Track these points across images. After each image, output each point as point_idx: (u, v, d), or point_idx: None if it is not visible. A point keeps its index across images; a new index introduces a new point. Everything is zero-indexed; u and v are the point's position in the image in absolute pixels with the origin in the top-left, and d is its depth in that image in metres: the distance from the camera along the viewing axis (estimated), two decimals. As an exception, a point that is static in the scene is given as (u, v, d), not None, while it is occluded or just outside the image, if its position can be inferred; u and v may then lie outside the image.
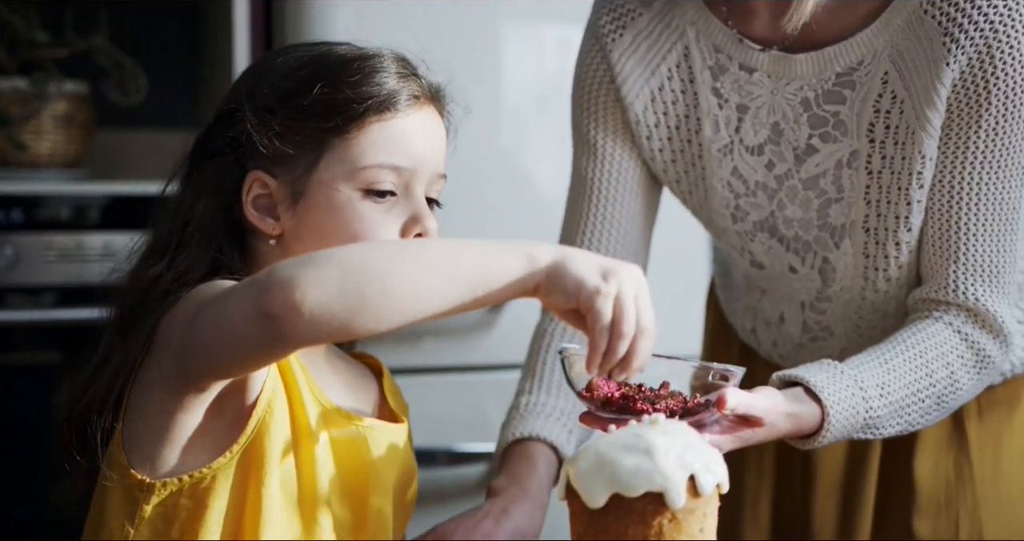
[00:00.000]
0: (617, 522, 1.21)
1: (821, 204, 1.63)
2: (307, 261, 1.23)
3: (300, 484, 1.38)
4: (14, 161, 2.72)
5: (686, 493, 1.20)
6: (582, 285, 1.25)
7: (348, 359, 1.58)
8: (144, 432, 1.35)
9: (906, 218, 1.60)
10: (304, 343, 1.27)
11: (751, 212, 1.67)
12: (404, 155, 1.43)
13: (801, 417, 1.47)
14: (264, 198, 1.44)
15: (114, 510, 1.36)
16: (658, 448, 1.21)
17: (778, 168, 1.64)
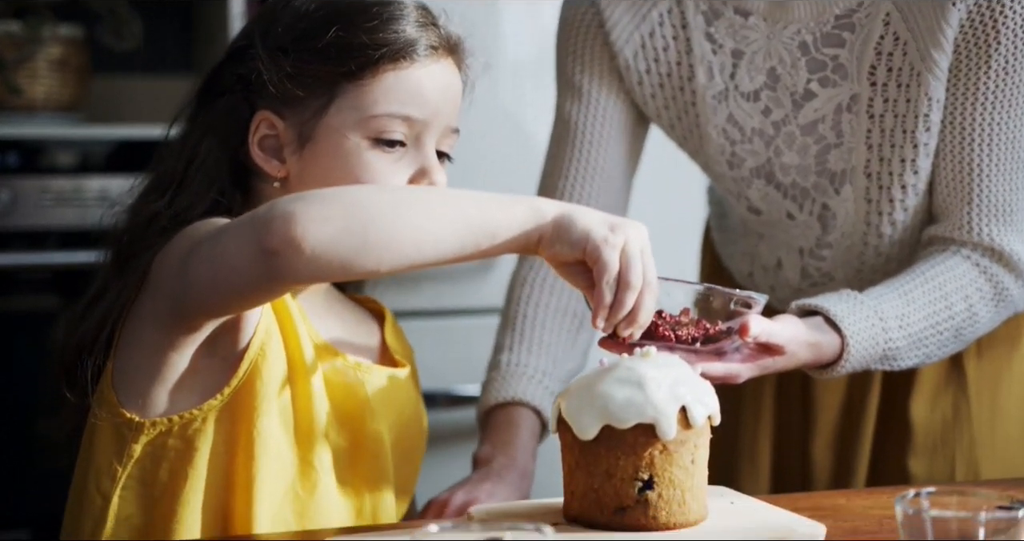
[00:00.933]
0: (608, 454, 1.21)
1: (820, 150, 1.62)
2: (311, 197, 1.21)
3: (295, 428, 1.38)
4: (9, 105, 2.71)
5: (677, 425, 1.20)
6: (589, 235, 1.24)
7: (349, 303, 1.58)
8: (134, 371, 1.34)
9: (912, 161, 1.59)
10: (302, 281, 1.26)
11: (747, 159, 1.66)
12: (417, 106, 1.40)
13: (821, 346, 1.47)
14: (271, 139, 1.42)
15: (103, 449, 1.35)
16: (649, 380, 1.21)
17: (775, 114, 1.62)
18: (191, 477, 1.33)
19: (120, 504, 1.33)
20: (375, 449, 1.44)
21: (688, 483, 1.22)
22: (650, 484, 1.21)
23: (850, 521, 1.32)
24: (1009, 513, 1.05)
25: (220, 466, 1.34)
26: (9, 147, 2.63)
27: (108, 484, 1.34)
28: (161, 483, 1.33)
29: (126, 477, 1.33)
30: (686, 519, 1.22)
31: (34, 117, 2.73)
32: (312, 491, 1.38)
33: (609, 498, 1.21)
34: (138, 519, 1.34)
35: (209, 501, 1.34)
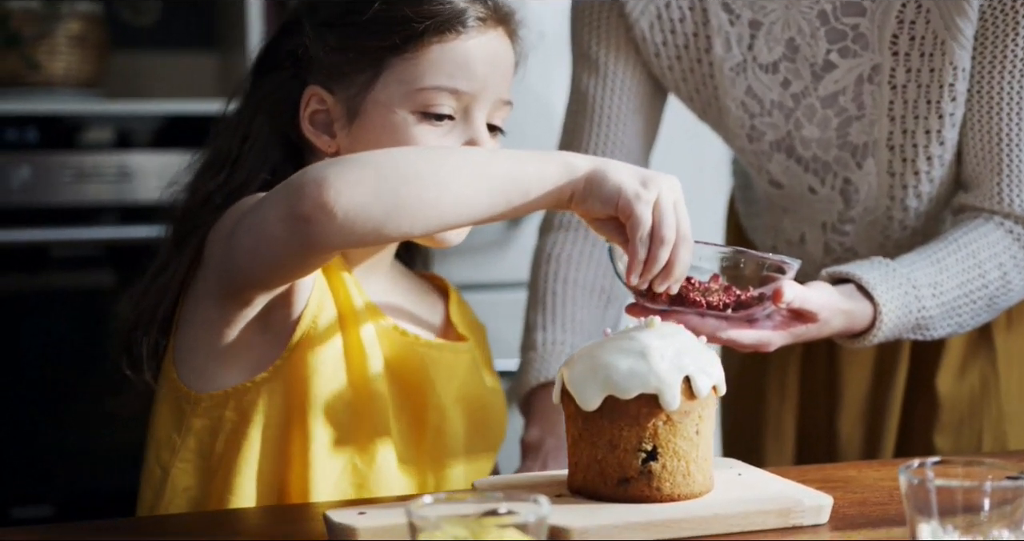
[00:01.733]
0: (611, 425, 1.20)
1: (840, 123, 1.59)
2: (342, 162, 1.21)
3: (352, 401, 1.37)
4: (28, 81, 2.71)
5: (681, 395, 1.19)
6: (621, 190, 1.22)
7: (415, 279, 1.57)
8: (192, 346, 1.37)
9: (938, 132, 1.56)
10: (336, 246, 1.25)
11: (767, 132, 1.63)
12: (465, 79, 1.38)
13: (854, 315, 1.44)
14: (321, 114, 1.42)
15: (164, 422, 1.38)
16: (653, 350, 1.19)
17: (794, 86, 1.60)
18: (246, 449, 1.34)
19: (178, 476, 1.36)
20: (437, 423, 1.43)
21: (692, 454, 1.21)
22: (654, 455, 1.19)
23: (859, 492, 1.30)
24: (1016, 482, 1.03)
25: (274, 439, 1.35)
26: (28, 122, 2.62)
27: (168, 456, 1.37)
28: (217, 455, 1.35)
29: (184, 450, 1.36)
30: (691, 490, 1.21)
31: (53, 93, 2.73)
32: (371, 463, 1.37)
33: (612, 469, 1.20)
34: (196, 491, 1.36)
35: (264, 474, 1.35)
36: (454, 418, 1.45)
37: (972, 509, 1.03)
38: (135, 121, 2.72)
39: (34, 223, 2.62)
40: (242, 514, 1.30)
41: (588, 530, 1.13)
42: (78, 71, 2.77)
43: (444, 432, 1.44)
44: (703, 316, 1.31)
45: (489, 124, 1.42)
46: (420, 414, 1.43)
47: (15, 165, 2.59)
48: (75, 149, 2.65)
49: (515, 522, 0.96)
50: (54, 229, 2.63)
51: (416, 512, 0.96)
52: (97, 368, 2.60)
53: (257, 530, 1.20)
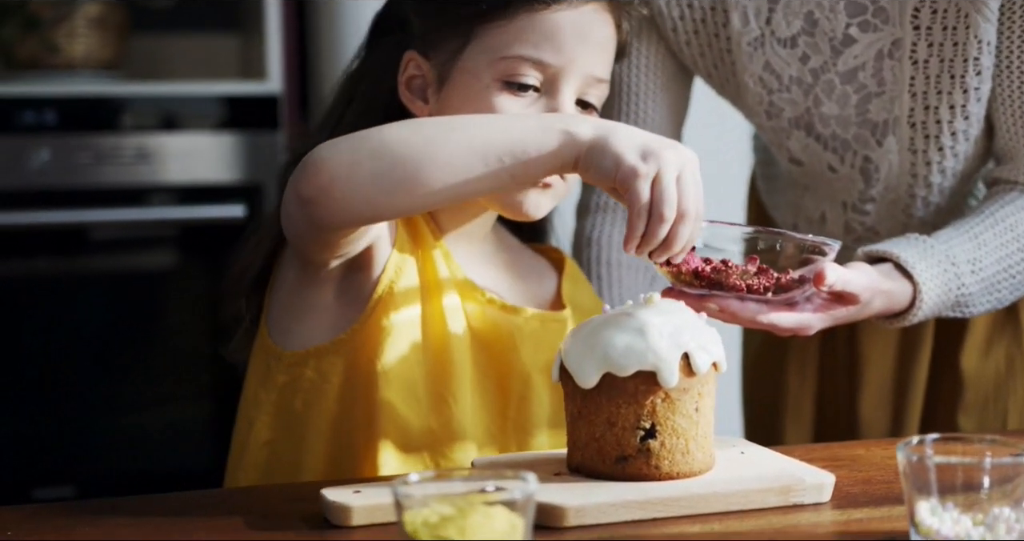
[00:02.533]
0: (609, 402, 1.18)
1: (860, 99, 1.56)
2: (342, 142, 1.22)
3: (430, 367, 1.38)
4: (48, 63, 2.72)
5: (679, 372, 1.17)
6: (619, 164, 1.19)
7: (526, 251, 1.56)
8: (280, 305, 1.41)
9: (963, 107, 1.53)
10: (341, 226, 1.26)
11: (785, 109, 1.60)
12: (552, 51, 1.37)
13: (893, 295, 1.41)
14: (418, 80, 1.43)
15: (254, 378, 1.43)
16: (651, 327, 1.18)
17: (813, 61, 1.57)
18: (321, 409, 1.37)
19: (261, 430, 1.40)
20: (522, 391, 1.43)
21: (692, 432, 1.19)
22: (652, 433, 1.18)
23: (865, 471, 1.29)
24: (1016, 459, 1.01)
25: (348, 401, 1.36)
26: (47, 105, 2.63)
27: (254, 411, 1.41)
28: (296, 413, 1.38)
29: (268, 404, 1.40)
30: (690, 469, 1.19)
31: (73, 75, 2.73)
32: (446, 426, 1.37)
33: (611, 447, 1.19)
34: (274, 446, 1.40)
35: (337, 435, 1.37)
36: (540, 388, 1.44)
37: (972, 487, 1.02)
38: (155, 103, 2.72)
39: (54, 205, 2.62)
40: (244, 493, 1.30)
41: (584, 509, 1.12)
42: (98, 53, 2.77)
43: (529, 401, 1.43)
44: (743, 300, 1.28)
45: (582, 101, 1.41)
46: (504, 383, 1.43)
47: (35, 147, 2.60)
48: (95, 131, 2.65)
49: (502, 499, 0.94)
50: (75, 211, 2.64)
51: (401, 490, 0.95)
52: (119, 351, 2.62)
53: (256, 509, 1.19)
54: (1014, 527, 1.01)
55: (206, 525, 1.15)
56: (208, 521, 1.16)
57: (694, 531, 1.11)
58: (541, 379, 1.43)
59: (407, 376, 1.36)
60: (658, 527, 1.12)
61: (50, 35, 2.70)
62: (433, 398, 1.37)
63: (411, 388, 1.36)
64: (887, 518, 1.13)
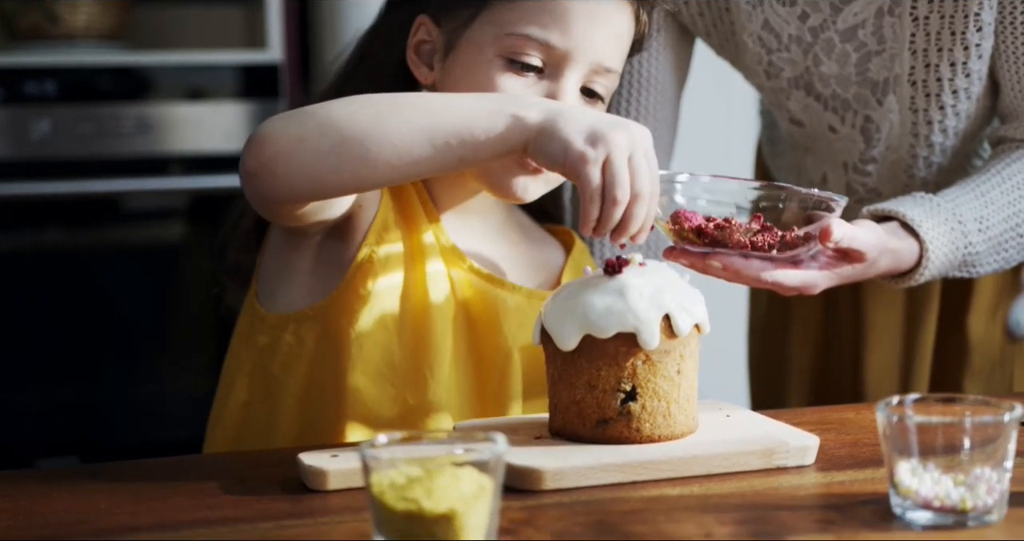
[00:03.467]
0: (589, 364, 1.17)
1: (860, 58, 1.53)
2: (288, 117, 1.21)
3: (408, 337, 1.36)
4: (50, 34, 2.70)
5: (660, 334, 1.16)
6: (568, 150, 1.17)
7: (532, 229, 1.53)
8: (268, 267, 1.41)
9: (964, 64, 1.50)
10: (286, 201, 1.25)
11: (785, 68, 1.58)
12: (560, 34, 1.33)
13: (900, 253, 1.39)
14: (427, 45, 1.41)
15: (239, 336, 1.43)
16: (631, 288, 1.16)
17: (812, 19, 1.54)
18: (296, 374, 1.36)
19: (239, 390, 1.40)
20: (501, 366, 1.40)
21: (674, 394, 1.17)
22: (633, 395, 1.16)
23: (853, 434, 1.27)
24: (997, 418, 1.00)
25: (322, 368, 1.35)
26: (48, 75, 2.62)
27: (235, 370, 1.41)
28: (273, 376, 1.37)
29: (248, 364, 1.39)
30: (672, 432, 1.18)
31: (74, 45, 2.72)
32: (421, 399, 1.36)
33: (591, 410, 1.17)
34: (251, 408, 1.39)
35: (310, 402, 1.36)
36: (520, 364, 1.42)
37: (953, 448, 1.00)
38: (156, 73, 2.71)
39: (55, 176, 2.62)
40: (221, 458, 1.29)
41: (562, 472, 1.11)
42: (99, 24, 2.76)
43: (509, 377, 1.41)
44: (747, 258, 1.26)
45: (588, 89, 1.38)
46: (485, 357, 1.41)
47: (36, 118, 2.59)
48: (96, 101, 2.64)
49: (471, 460, 0.93)
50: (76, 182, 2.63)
51: (369, 452, 0.94)
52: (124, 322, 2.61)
53: (233, 474, 1.18)
54: (995, 488, 1.00)
55: (183, 490, 1.14)
56: (185, 485, 1.15)
57: (674, 494, 1.10)
58: (522, 356, 1.40)
59: (384, 347, 1.35)
60: (638, 490, 1.10)
61: (51, 7, 2.68)
62: (410, 370, 1.35)
63: (387, 359, 1.35)
64: (870, 480, 1.12)
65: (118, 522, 1.06)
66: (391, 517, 0.92)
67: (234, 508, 1.09)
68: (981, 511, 0.99)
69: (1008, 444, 1.00)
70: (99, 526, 1.05)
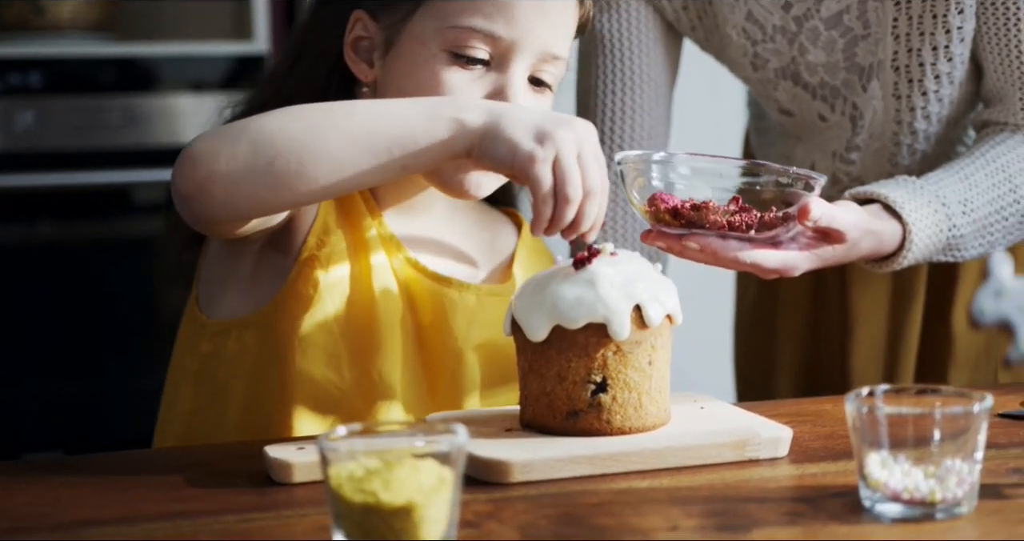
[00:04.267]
0: (559, 355, 1.15)
1: (847, 43, 1.52)
2: (220, 134, 1.17)
3: (356, 342, 1.33)
4: (35, 25, 2.69)
5: (631, 324, 1.14)
6: (515, 151, 1.14)
7: (484, 213, 1.49)
8: (209, 272, 1.38)
9: (946, 48, 1.49)
10: (223, 221, 1.21)
11: (771, 59, 1.56)
12: (505, 24, 1.29)
13: (882, 235, 1.36)
14: (365, 41, 1.36)
15: (182, 343, 1.40)
16: (601, 278, 1.15)
17: (796, 8, 1.52)
18: (242, 381, 1.33)
19: (185, 399, 1.37)
20: (452, 367, 1.38)
21: (645, 386, 1.16)
22: (603, 387, 1.15)
23: (829, 426, 1.26)
24: (967, 409, 0.98)
25: (269, 374, 1.32)
26: (33, 66, 2.61)
27: (179, 377, 1.38)
28: (219, 383, 1.34)
29: (192, 372, 1.36)
30: (643, 423, 1.16)
31: (61, 37, 2.71)
32: (370, 405, 1.33)
33: (561, 402, 1.16)
34: (197, 416, 1.36)
35: (255, 409, 1.33)
36: (472, 364, 1.39)
37: (923, 439, 0.99)
38: (141, 64, 2.70)
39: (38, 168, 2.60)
40: (188, 451, 1.28)
41: (530, 464, 1.09)
42: (85, 15, 2.74)
43: (460, 376, 1.38)
44: (724, 238, 1.23)
45: (536, 78, 1.34)
46: (435, 359, 1.38)
47: (20, 109, 2.58)
48: (80, 92, 2.63)
49: (431, 452, 0.92)
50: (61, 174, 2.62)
51: (327, 444, 0.92)
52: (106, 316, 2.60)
53: (200, 466, 1.17)
54: (966, 480, 0.98)
55: (148, 483, 1.13)
56: (151, 478, 1.14)
57: (643, 487, 1.08)
58: (474, 356, 1.38)
59: (329, 351, 1.32)
60: (607, 483, 1.09)
61: (36, -1, 2.68)
62: (358, 374, 1.33)
63: (334, 363, 1.32)
64: (842, 473, 1.10)
65: (80, 515, 1.05)
66: (349, 510, 0.90)
67: (198, 501, 1.08)
68: (951, 503, 0.98)
69: (978, 435, 0.99)
70: (60, 519, 1.04)
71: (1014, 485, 1.05)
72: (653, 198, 1.22)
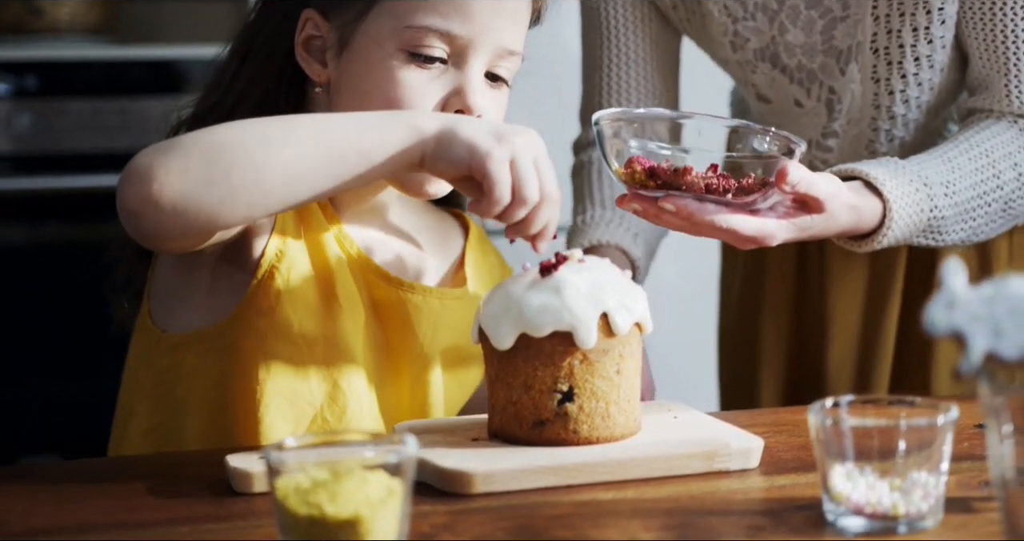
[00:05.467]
0: (526, 364, 1.14)
1: (825, 25, 1.50)
2: (168, 147, 1.13)
3: (322, 351, 1.30)
4: (32, 27, 2.69)
5: (598, 332, 1.12)
6: (474, 149, 1.14)
7: (433, 215, 1.47)
8: (162, 284, 1.33)
9: (926, 29, 1.47)
10: (173, 238, 1.18)
11: (751, 38, 1.54)
12: (460, 21, 1.28)
13: (862, 211, 1.34)
14: (317, 41, 1.33)
15: (136, 355, 1.35)
16: (568, 285, 1.13)
17: None
18: (204, 396, 1.29)
19: (141, 417, 1.32)
20: (418, 374, 1.37)
21: (613, 395, 1.14)
22: (570, 396, 1.13)
23: (804, 436, 1.23)
24: (931, 421, 0.96)
25: (231, 388, 1.29)
26: (30, 69, 2.60)
27: (134, 393, 1.34)
28: (179, 399, 1.31)
29: (149, 389, 1.32)
30: (611, 433, 1.14)
31: (59, 39, 2.70)
32: (341, 416, 1.31)
33: (528, 411, 1.14)
34: (155, 433, 1.32)
35: (220, 424, 1.30)
36: (438, 371, 1.37)
37: (888, 452, 0.97)
38: (142, 67, 2.69)
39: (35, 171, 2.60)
40: (153, 459, 1.26)
41: (492, 475, 1.08)
42: (85, 17, 2.74)
43: (426, 383, 1.37)
44: (702, 201, 1.21)
45: (492, 74, 1.33)
46: (403, 364, 1.37)
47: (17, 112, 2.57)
48: (78, 95, 2.62)
49: (379, 463, 0.90)
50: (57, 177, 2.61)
51: (274, 455, 0.91)
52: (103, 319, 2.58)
53: (163, 474, 1.15)
54: (931, 493, 0.96)
55: (108, 491, 1.11)
56: (112, 487, 1.13)
57: (607, 498, 1.06)
58: (440, 361, 1.37)
59: (294, 363, 1.29)
60: (571, 495, 1.07)
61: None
62: (326, 385, 1.30)
63: (300, 375, 1.29)
64: (811, 485, 1.08)
65: (34, 524, 1.04)
66: (294, 522, 0.89)
67: (155, 511, 1.06)
68: (914, 517, 0.96)
69: (944, 447, 0.96)
70: (15, 528, 1.03)
71: (984, 499, 1.03)
72: (630, 161, 1.21)
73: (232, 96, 1.34)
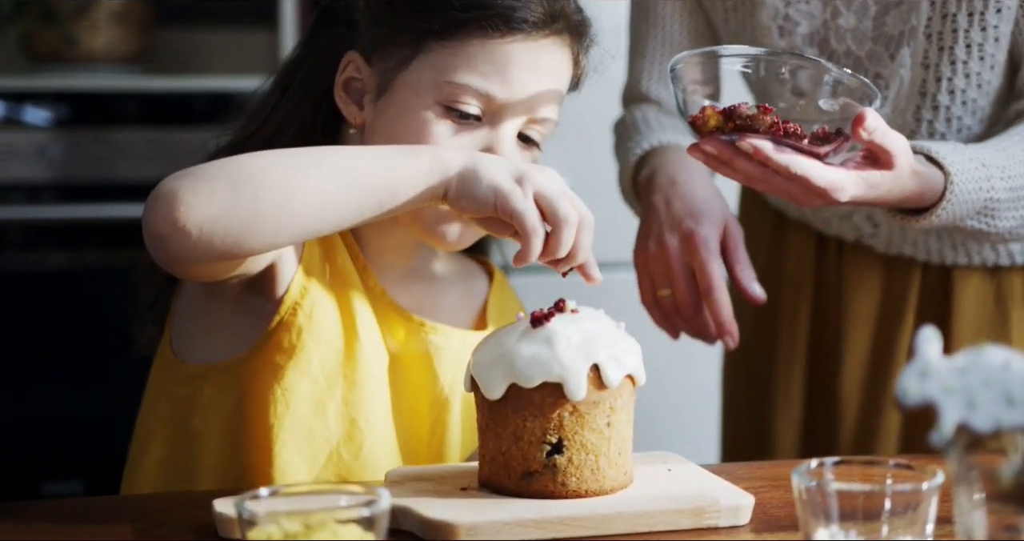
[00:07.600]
0: (515, 414, 1.13)
1: (879, 10, 1.49)
2: (195, 172, 1.14)
3: (342, 389, 1.31)
4: (67, 56, 2.71)
5: (589, 385, 1.11)
6: (497, 190, 1.15)
7: (457, 261, 1.48)
8: (184, 314, 1.35)
9: (981, 15, 1.45)
10: (200, 262, 1.17)
11: (801, 22, 1.53)
12: (500, 83, 1.29)
13: (926, 178, 1.33)
14: (357, 83, 1.35)
15: (155, 383, 1.37)
16: (559, 336, 1.12)
17: None
18: (219, 427, 1.30)
19: (157, 445, 1.33)
20: (439, 415, 1.37)
21: (603, 448, 1.13)
22: (559, 448, 1.12)
23: (801, 492, 1.21)
24: (916, 485, 0.94)
25: (248, 423, 1.29)
26: (65, 99, 2.62)
27: (152, 421, 1.35)
28: (194, 430, 1.31)
29: (167, 418, 1.33)
30: (600, 487, 1.13)
31: (95, 69, 2.72)
32: (357, 454, 1.32)
33: (517, 462, 1.13)
34: (170, 463, 1.33)
35: (235, 458, 1.30)
36: (458, 413, 1.38)
37: (872, 514, 0.95)
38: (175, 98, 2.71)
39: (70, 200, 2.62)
40: (143, 499, 1.26)
41: (476, 526, 1.07)
42: (121, 46, 2.76)
43: (444, 424, 1.37)
44: (778, 143, 1.21)
45: (524, 135, 1.34)
46: (422, 408, 1.37)
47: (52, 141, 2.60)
48: (113, 125, 2.64)
49: (351, 517, 0.89)
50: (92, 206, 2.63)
51: (247, 506, 0.90)
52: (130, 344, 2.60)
53: (151, 516, 1.15)
54: (915, 558, 0.95)
55: (94, 531, 1.11)
56: (98, 527, 1.12)
57: (592, 553, 1.05)
58: (461, 404, 1.36)
59: (314, 400, 1.29)
60: (556, 548, 1.06)
61: (71, 28, 2.69)
62: (344, 423, 1.31)
63: (318, 412, 1.29)
64: (799, 543, 1.06)
65: (16, 566, 1.04)
66: (263, 575, 0.88)
67: (136, 554, 1.06)
68: (896, 583, 0.94)
69: (929, 510, 0.95)
70: (-4, 570, 1.03)
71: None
72: (704, 108, 1.22)
73: (269, 128, 1.36)
